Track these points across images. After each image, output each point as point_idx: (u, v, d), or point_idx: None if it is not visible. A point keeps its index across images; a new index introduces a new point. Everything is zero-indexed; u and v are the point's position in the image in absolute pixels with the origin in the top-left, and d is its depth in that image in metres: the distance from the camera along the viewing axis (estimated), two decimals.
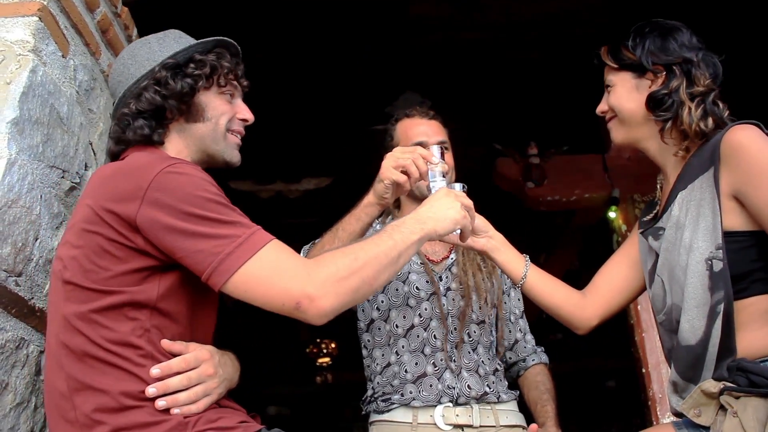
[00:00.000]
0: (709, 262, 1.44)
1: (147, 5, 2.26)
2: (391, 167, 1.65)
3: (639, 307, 4.17)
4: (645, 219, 1.73)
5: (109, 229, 1.29)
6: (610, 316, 1.80)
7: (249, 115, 1.63)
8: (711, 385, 1.42)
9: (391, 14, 3.56)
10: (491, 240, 1.78)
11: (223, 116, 1.56)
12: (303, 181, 5.02)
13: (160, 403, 1.25)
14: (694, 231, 1.49)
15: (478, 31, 3.75)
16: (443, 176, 1.67)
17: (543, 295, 1.79)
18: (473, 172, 2.27)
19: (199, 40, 1.57)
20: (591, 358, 7.96)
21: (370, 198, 1.73)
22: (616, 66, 1.66)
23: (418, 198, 1.96)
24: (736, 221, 1.44)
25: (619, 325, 4.46)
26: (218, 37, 1.60)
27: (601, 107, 1.72)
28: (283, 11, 3.44)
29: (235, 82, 1.61)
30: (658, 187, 1.73)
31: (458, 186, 1.69)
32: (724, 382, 1.41)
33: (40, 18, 1.70)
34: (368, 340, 2.05)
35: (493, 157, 4.69)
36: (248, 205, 1.43)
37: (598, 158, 4.58)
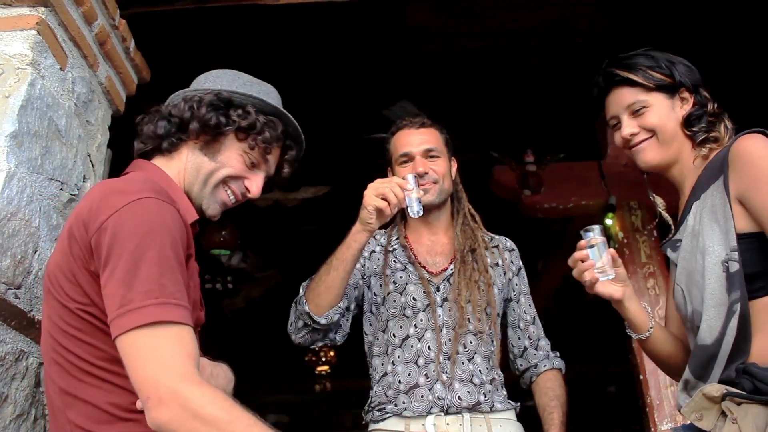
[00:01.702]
0: (725, 264, 1.48)
1: (145, 18, 2.27)
2: (372, 195, 1.79)
3: None
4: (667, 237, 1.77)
5: (78, 247, 1.29)
6: None
7: (255, 191, 1.59)
8: (713, 389, 1.43)
9: (389, 23, 3.58)
10: (627, 289, 1.72)
11: (226, 169, 1.53)
12: (301, 190, 5.02)
13: None
14: (707, 235, 1.53)
15: (475, 40, 3.76)
16: (419, 201, 1.81)
17: (663, 346, 1.76)
18: (470, 180, 2.28)
19: (264, 100, 1.57)
20: (591, 364, 7.96)
21: (357, 226, 1.84)
22: (651, 86, 1.67)
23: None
24: (746, 224, 1.48)
25: (618, 331, 4.47)
26: (283, 111, 1.61)
27: (631, 129, 1.69)
28: (280, 22, 3.45)
29: (268, 156, 1.59)
30: (658, 206, 1.79)
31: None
32: (726, 387, 1.42)
33: (38, 32, 1.72)
34: (368, 351, 2.07)
35: (490, 165, 4.70)
36: (246, 214, 1.43)
37: (594, 165, 4.59)
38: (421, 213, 1.83)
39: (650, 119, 1.67)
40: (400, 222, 2.19)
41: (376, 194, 1.78)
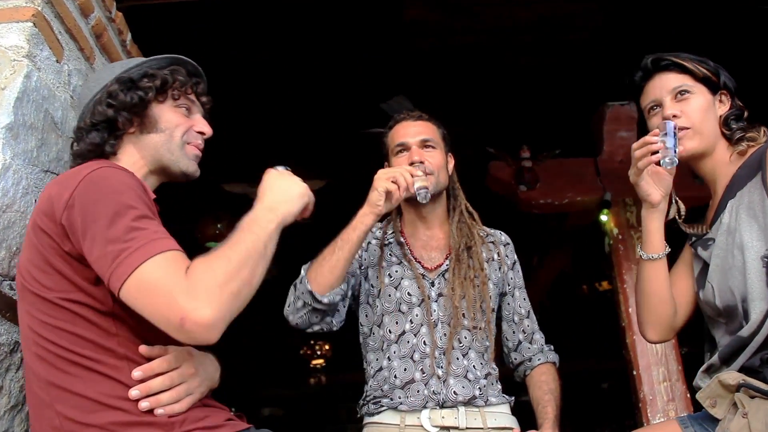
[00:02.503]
0: (765, 260, 1.49)
1: (141, 10, 2.27)
2: (383, 179, 1.85)
3: (630, 309, 4.20)
4: (693, 233, 1.78)
5: (47, 237, 1.31)
6: (680, 328, 1.80)
7: (206, 129, 1.66)
8: (730, 377, 1.44)
9: (385, 19, 3.58)
10: (664, 203, 1.73)
11: (178, 128, 1.59)
12: None
13: (143, 405, 1.27)
14: (745, 232, 1.55)
15: (471, 36, 3.76)
16: (426, 190, 1.91)
17: (661, 284, 1.75)
18: (466, 175, 2.28)
19: (152, 57, 1.63)
20: (585, 360, 7.99)
21: (365, 209, 1.86)
22: (699, 75, 1.71)
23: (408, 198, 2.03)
24: None
25: (612, 327, 4.49)
26: (174, 55, 1.65)
27: (674, 111, 1.69)
28: (278, 16, 3.45)
29: (191, 97, 1.64)
30: (676, 204, 1.79)
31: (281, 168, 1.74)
32: (743, 377, 1.42)
33: (34, 23, 1.71)
34: (365, 344, 2.08)
35: (485, 161, 4.71)
36: (242, 208, 1.44)
37: (590, 162, 4.60)
38: (429, 198, 1.92)
39: (693, 106, 1.69)
40: (396, 217, 2.19)
41: (387, 177, 1.84)
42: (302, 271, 1.94)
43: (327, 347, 9.37)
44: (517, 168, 4.58)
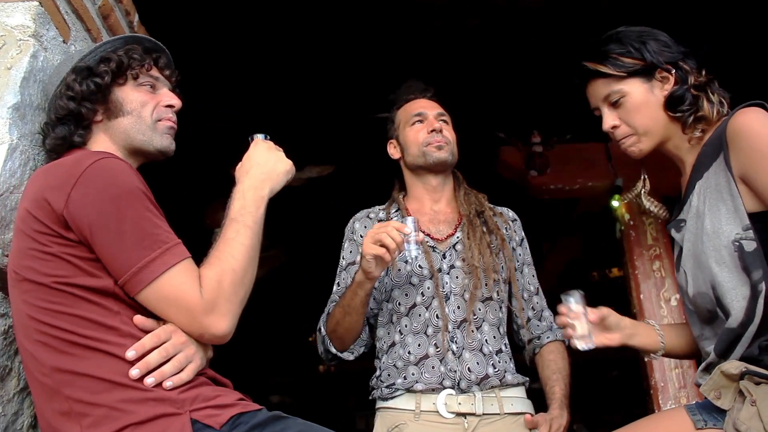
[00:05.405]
0: (737, 244, 1.43)
1: None
2: (370, 243, 1.75)
3: (642, 296, 4.18)
4: (656, 212, 1.77)
5: (43, 226, 1.30)
6: None
7: (174, 101, 1.63)
8: (732, 366, 1.40)
9: (394, 1, 3.54)
10: (625, 330, 1.72)
11: (145, 107, 1.56)
12: (306, 169, 5.00)
13: (149, 380, 1.26)
14: (715, 217, 1.48)
15: (481, 19, 3.72)
16: (417, 245, 1.76)
17: (681, 347, 1.76)
18: (476, 160, 2.27)
19: (107, 40, 1.61)
20: (594, 348, 7.95)
21: (359, 276, 1.83)
22: (623, 74, 1.60)
23: (423, 167, 2.09)
24: (753, 203, 1.43)
25: (623, 314, 4.47)
26: (129, 34, 1.64)
27: (612, 122, 1.65)
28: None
29: (153, 73, 1.61)
30: (644, 182, 1.78)
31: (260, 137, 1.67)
32: (745, 365, 1.39)
33: (40, 3, 1.69)
34: (374, 323, 2.06)
35: (496, 146, 4.68)
36: None
37: (601, 147, 4.57)
38: (420, 257, 1.89)
39: (628, 108, 1.61)
40: (399, 194, 2.19)
41: (374, 241, 1.73)
42: (321, 325, 2.00)
43: None
44: (528, 153, 4.56)
